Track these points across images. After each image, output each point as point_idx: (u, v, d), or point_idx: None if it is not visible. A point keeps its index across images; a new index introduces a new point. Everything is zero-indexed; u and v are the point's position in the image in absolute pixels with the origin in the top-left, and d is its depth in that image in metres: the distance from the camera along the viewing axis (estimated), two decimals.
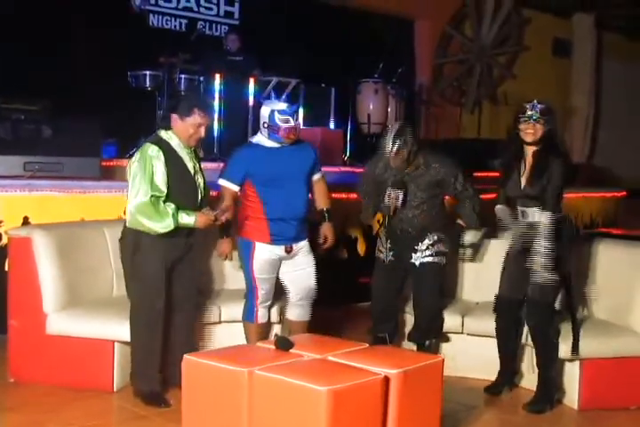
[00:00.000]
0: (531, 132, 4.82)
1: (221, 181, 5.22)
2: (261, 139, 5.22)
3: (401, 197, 5.28)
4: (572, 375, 5.03)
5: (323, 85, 10.53)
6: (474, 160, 9.70)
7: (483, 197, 5.57)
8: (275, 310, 5.45)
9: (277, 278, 5.35)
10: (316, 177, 5.48)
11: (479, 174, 9.55)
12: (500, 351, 5.16)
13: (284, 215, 5.19)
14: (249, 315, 5.29)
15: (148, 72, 8.84)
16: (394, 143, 5.21)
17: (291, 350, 4.08)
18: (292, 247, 5.24)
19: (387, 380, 3.73)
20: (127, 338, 4.81)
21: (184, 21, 10.84)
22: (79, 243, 5.19)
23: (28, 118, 6.99)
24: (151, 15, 10.44)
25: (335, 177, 8.80)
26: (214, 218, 4.74)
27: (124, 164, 7.58)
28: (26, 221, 5.95)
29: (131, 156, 8.29)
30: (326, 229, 5.49)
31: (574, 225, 5.20)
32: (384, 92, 10.77)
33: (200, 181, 4.87)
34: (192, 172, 4.80)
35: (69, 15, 9.14)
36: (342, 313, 5.53)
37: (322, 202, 5.55)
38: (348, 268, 7.33)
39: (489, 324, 5.19)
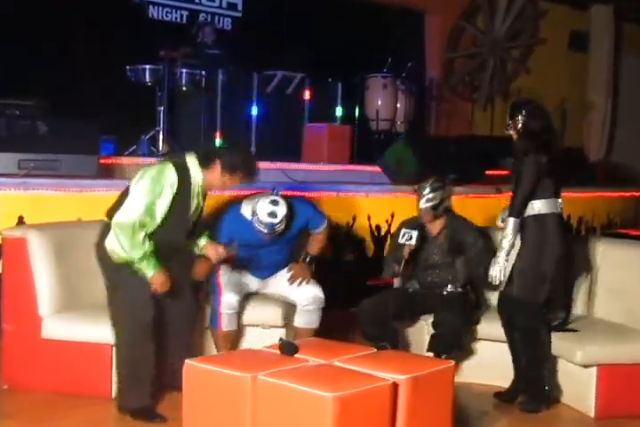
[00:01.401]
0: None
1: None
2: (248, 211, 5.25)
3: (415, 236, 5.34)
4: (587, 382, 5.01)
5: (329, 80, 10.54)
6: (486, 158, 9.68)
7: (495, 196, 5.60)
8: (279, 314, 5.47)
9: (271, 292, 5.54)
10: (318, 230, 5.57)
11: (491, 173, 9.55)
12: (512, 357, 5.18)
13: (254, 271, 5.52)
14: (213, 321, 5.31)
15: (147, 66, 8.86)
16: (432, 184, 5.44)
17: (295, 355, 4.09)
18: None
19: (395, 386, 3.73)
20: None
21: (185, 13, 10.86)
22: (76, 244, 5.19)
23: (23, 114, 7.00)
24: (151, 7, 10.46)
25: (342, 175, 8.83)
26: (166, 288, 4.67)
27: (122, 161, 7.63)
28: (20, 221, 5.96)
29: (130, 153, 8.41)
30: (297, 268, 5.53)
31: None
32: (393, 87, 10.78)
33: (194, 219, 4.87)
34: (191, 210, 4.79)
35: (68, 7, 9.16)
36: (349, 316, 5.52)
37: (312, 248, 5.64)
38: (355, 270, 7.33)
39: (501, 328, 5.19)
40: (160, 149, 8.62)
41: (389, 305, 5.46)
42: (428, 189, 5.44)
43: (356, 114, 10.72)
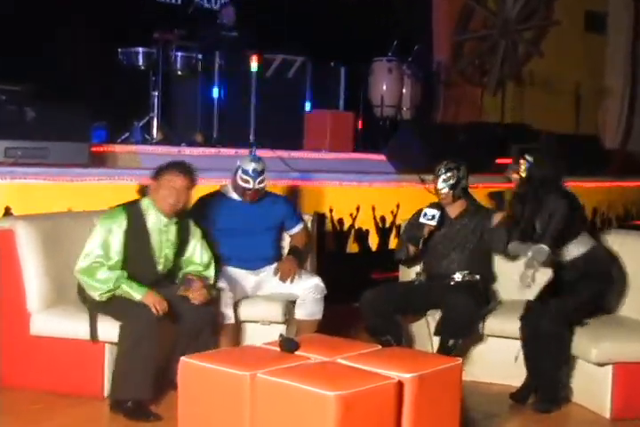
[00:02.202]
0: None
1: None
2: (229, 189, 5.67)
3: (437, 216, 5.46)
4: (603, 381, 5.00)
5: (332, 64, 10.53)
6: (496, 146, 9.70)
7: (507, 185, 5.64)
8: (279, 309, 5.48)
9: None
10: (293, 232, 5.81)
11: (502, 161, 9.54)
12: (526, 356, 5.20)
13: (238, 265, 5.58)
14: None
15: (140, 49, 8.84)
16: (447, 165, 5.60)
17: (296, 352, 4.09)
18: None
19: (400, 385, 3.74)
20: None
21: None
22: (66, 236, 5.20)
23: (9, 99, 6.99)
24: None
25: (345, 164, 8.82)
26: (164, 306, 4.77)
27: (115, 149, 7.63)
28: (8, 212, 5.96)
29: (123, 141, 8.41)
30: (283, 265, 5.61)
31: None
32: (399, 71, 10.77)
33: (166, 256, 5.04)
34: (156, 247, 4.99)
35: None
36: (353, 311, 5.53)
37: (293, 243, 5.82)
38: (359, 263, 7.34)
39: (511, 324, 5.20)
40: (154, 136, 8.62)
41: (392, 297, 5.47)
42: (443, 170, 5.58)
43: (360, 100, 10.70)
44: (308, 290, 5.50)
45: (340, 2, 11.19)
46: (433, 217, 5.45)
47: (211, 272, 5.19)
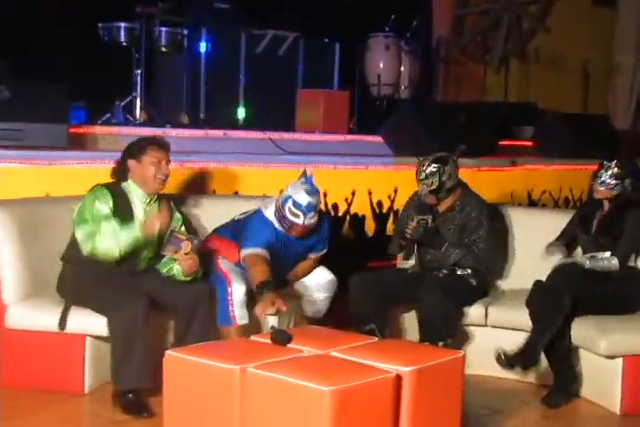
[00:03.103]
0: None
1: (245, 252, 5.17)
2: (272, 217, 5.28)
3: (429, 220, 5.46)
4: (612, 375, 5.03)
5: (326, 40, 10.49)
6: (500, 127, 9.69)
7: (510, 169, 5.65)
8: None
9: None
10: (314, 255, 5.58)
11: (505, 143, 9.55)
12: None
13: None
14: (223, 317, 5.22)
15: (122, 24, 8.77)
16: (429, 166, 5.45)
17: (289, 345, 4.10)
18: None
19: (399, 379, 3.75)
20: (101, 332, 4.84)
21: None
22: (44, 222, 5.20)
23: None
24: None
25: (340, 146, 8.81)
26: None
27: (95, 131, 7.60)
28: None
29: (104, 122, 8.39)
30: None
31: None
32: (396, 48, 10.73)
33: (150, 238, 5.07)
34: (140, 226, 5.01)
35: None
36: (348, 302, 5.53)
37: (298, 274, 5.62)
38: (354, 250, 7.34)
39: (517, 314, 5.22)
40: (137, 117, 8.60)
41: (383, 283, 5.50)
42: (423, 175, 5.47)
43: (356, 78, 10.68)
44: (321, 286, 5.49)
45: None
46: (422, 221, 5.44)
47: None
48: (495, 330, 5.52)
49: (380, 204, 7.48)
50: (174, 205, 5.29)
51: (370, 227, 7.50)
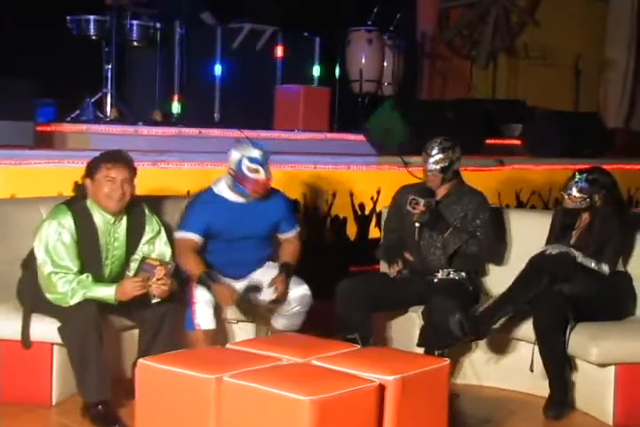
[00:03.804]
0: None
1: (178, 235, 5.34)
2: (224, 189, 5.43)
3: (433, 204, 5.45)
4: (604, 384, 5.03)
5: (305, 34, 10.50)
6: (487, 125, 9.71)
7: (497, 169, 5.65)
8: None
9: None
10: (286, 236, 5.63)
11: (492, 142, 9.57)
12: None
13: (224, 272, 5.45)
14: (187, 321, 5.25)
15: (92, 17, 8.77)
16: (441, 143, 5.55)
17: (268, 353, 4.10)
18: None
19: (382, 388, 3.76)
20: None
21: None
22: (8, 225, 5.18)
23: None
24: None
25: (320, 145, 8.83)
26: (142, 284, 4.81)
27: (64, 129, 7.59)
28: None
29: (73, 119, 8.37)
30: (279, 280, 5.44)
31: None
32: (379, 42, 10.75)
33: (115, 257, 5.05)
34: (103, 249, 4.99)
35: None
36: (329, 308, 5.53)
37: (286, 257, 5.62)
38: (336, 254, 7.35)
39: (507, 322, 5.23)
40: (108, 114, 8.58)
41: (372, 288, 5.50)
42: (436, 149, 5.53)
43: (337, 74, 10.68)
44: (295, 301, 5.45)
45: None
46: (429, 205, 5.41)
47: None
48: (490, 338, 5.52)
49: (362, 206, 7.49)
50: (151, 213, 5.20)
51: (351, 230, 7.52)
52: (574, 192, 5.34)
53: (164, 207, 5.63)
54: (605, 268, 5.24)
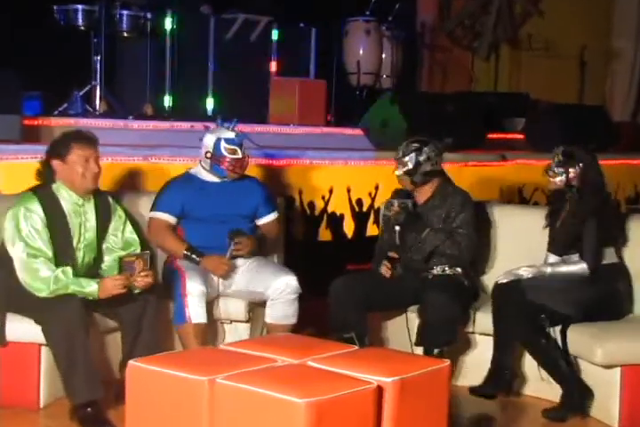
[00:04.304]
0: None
1: (153, 214, 5.56)
2: (200, 170, 5.67)
3: (410, 205, 5.56)
4: (610, 386, 5.04)
5: (301, 25, 10.50)
6: (489, 119, 9.72)
7: (499, 164, 5.67)
8: (242, 307, 5.49)
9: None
10: (265, 221, 5.81)
11: (494, 136, 9.57)
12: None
13: (211, 251, 5.52)
14: (177, 315, 5.31)
15: (80, 7, 8.77)
16: (407, 145, 5.63)
17: (262, 354, 4.10)
18: None
19: (380, 390, 3.76)
20: None
21: None
22: None
23: None
24: None
25: (317, 139, 8.82)
26: (123, 283, 4.86)
27: (51, 122, 7.59)
28: None
29: (60, 113, 8.37)
30: (244, 238, 5.55)
31: None
32: (377, 33, 10.75)
33: (88, 241, 5.09)
34: (75, 231, 5.03)
35: None
36: (325, 307, 5.54)
37: (264, 231, 5.81)
38: (333, 252, 7.35)
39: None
40: (97, 107, 8.58)
41: (367, 286, 5.53)
42: (400, 153, 5.64)
43: (334, 66, 10.69)
44: (279, 289, 5.47)
45: None
46: (404, 206, 5.53)
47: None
48: (483, 337, 5.53)
49: (359, 202, 7.50)
50: (115, 202, 5.28)
51: (349, 227, 7.52)
52: (553, 167, 5.44)
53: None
54: (584, 266, 5.24)
